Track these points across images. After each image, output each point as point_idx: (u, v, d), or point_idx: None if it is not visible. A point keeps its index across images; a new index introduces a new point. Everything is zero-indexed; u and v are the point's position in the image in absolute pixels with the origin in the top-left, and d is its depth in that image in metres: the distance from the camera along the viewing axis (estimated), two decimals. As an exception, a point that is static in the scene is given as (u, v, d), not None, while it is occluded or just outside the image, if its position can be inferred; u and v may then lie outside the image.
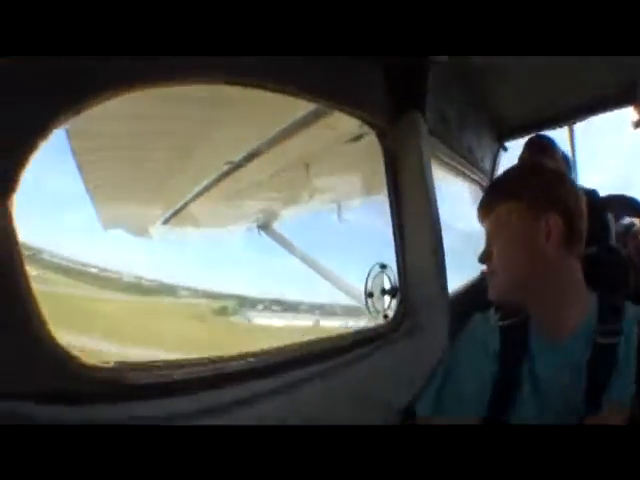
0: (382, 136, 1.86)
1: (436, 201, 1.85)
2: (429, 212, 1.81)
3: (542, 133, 2.91)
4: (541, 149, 2.67)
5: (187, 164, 2.51)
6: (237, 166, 2.51)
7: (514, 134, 3.20)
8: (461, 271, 1.91)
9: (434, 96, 1.95)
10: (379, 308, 1.90)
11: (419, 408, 1.64)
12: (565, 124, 3.44)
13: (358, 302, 3.38)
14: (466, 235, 2.84)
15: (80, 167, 2.15)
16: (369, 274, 1.92)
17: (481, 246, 1.60)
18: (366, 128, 1.95)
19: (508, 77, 2.42)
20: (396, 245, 1.85)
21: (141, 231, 3.65)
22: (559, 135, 3.30)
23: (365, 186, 3.07)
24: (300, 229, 4.22)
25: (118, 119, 1.63)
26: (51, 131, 0.82)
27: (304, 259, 4.03)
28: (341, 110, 1.76)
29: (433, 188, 1.85)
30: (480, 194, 2.94)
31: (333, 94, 1.58)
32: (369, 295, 1.90)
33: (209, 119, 2.00)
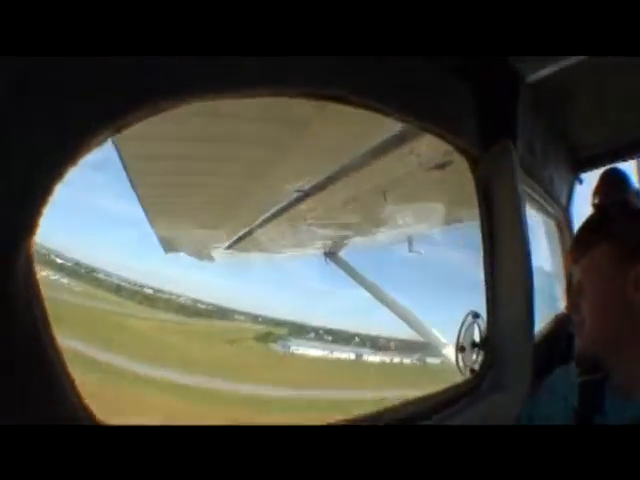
0: (474, 164, 1.72)
1: (530, 242, 1.71)
2: (524, 254, 1.69)
3: (616, 166, 2.79)
4: (617, 183, 2.55)
5: (255, 190, 2.44)
6: (307, 194, 2.41)
7: (586, 166, 3.07)
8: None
9: (523, 125, 1.83)
10: (467, 362, 1.78)
11: None
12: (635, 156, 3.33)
13: (419, 335, 3.23)
14: (541, 273, 2.68)
15: (137, 190, 2.12)
16: (462, 325, 1.79)
17: (556, 286, 1.45)
18: (450, 156, 1.85)
19: (583, 106, 2.31)
20: (487, 289, 1.72)
21: (204, 255, 3.64)
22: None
23: (441, 217, 2.93)
24: (368, 258, 4.11)
25: (182, 141, 1.55)
26: (90, 147, 0.74)
27: (369, 289, 3.92)
28: (433, 134, 1.64)
29: (527, 225, 1.72)
30: (555, 229, 2.88)
31: (425, 114, 1.47)
32: (461, 349, 1.77)
33: (281, 143, 1.90)
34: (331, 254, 4.04)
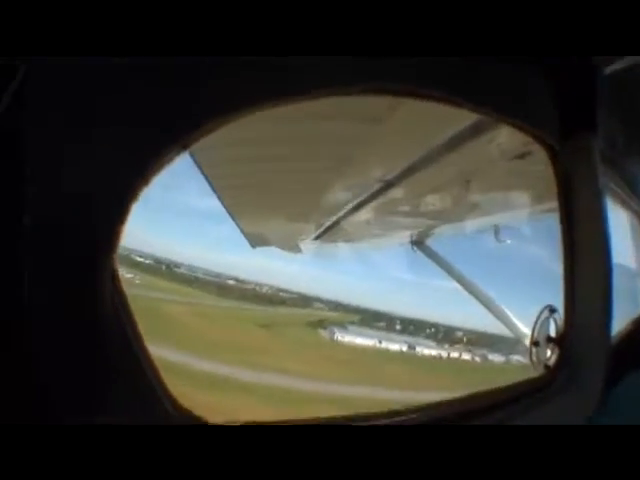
0: (554, 156, 1.69)
1: (610, 238, 1.66)
2: (604, 249, 1.64)
3: None
4: None
5: (339, 182, 2.50)
6: (389, 184, 2.44)
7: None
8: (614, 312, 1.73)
9: (603, 117, 1.78)
10: (542, 357, 1.75)
11: None
12: None
13: (510, 330, 3.16)
14: (623, 271, 2.56)
15: (219, 193, 2.23)
16: (537, 319, 1.77)
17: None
18: (531, 147, 1.84)
19: None
20: (566, 284, 1.68)
21: (291, 247, 3.74)
22: None
23: (526, 207, 2.86)
24: (455, 247, 4.06)
25: (258, 145, 1.63)
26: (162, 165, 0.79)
27: (457, 278, 3.87)
28: (510, 124, 1.63)
29: (608, 221, 1.66)
30: (637, 226, 2.81)
31: (501, 105, 1.50)
32: (535, 344, 1.75)
33: (361, 138, 1.95)
34: (418, 243, 4.02)
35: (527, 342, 1.87)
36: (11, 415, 0.69)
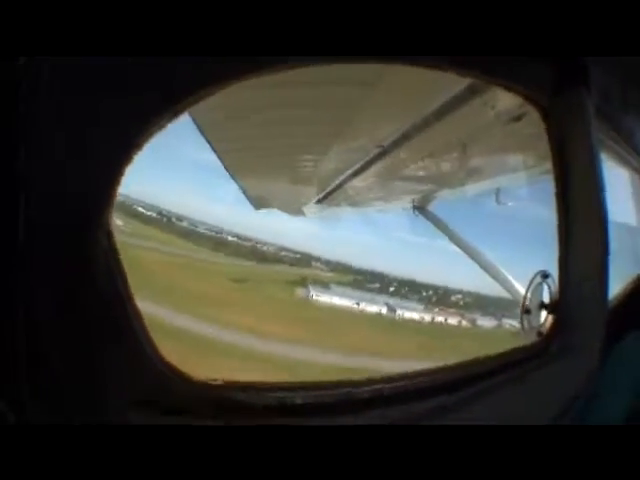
0: (546, 116, 1.67)
1: (606, 197, 1.64)
2: (599, 210, 1.61)
3: None
4: None
5: (338, 147, 2.53)
6: (388, 148, 2.47)
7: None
8: (614, 272, 1.69)
9: (598, 71, 1.72)
10: (534, 324, 1.74)
11: None
12: None
13: (510, 294, 3.20)
14: (623, 229, 2.56)
15: (220, 155, 2.26)
16: (529, 285, 1.75)
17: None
18: (528, 107, 1.77)
19: None
20: (560, 247, 1.66)
21: (294, 211, 3.78)
22: None
23: (527, 169, 2.86)
24: (457, 212, 4.08)
25: (259, 109, 1.65)
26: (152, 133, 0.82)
27: (457, 241, 3.90)
28: (500, 86, 1.62)
29: (603, 179, 1.64)
30: (637, 182, 2.74)
31: (489, 67, 1.44)
32: (526, 311, 1.74)
33: (357, 102, 1.97)
34: (420, 207, 4.06)
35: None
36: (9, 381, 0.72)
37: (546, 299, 1.73)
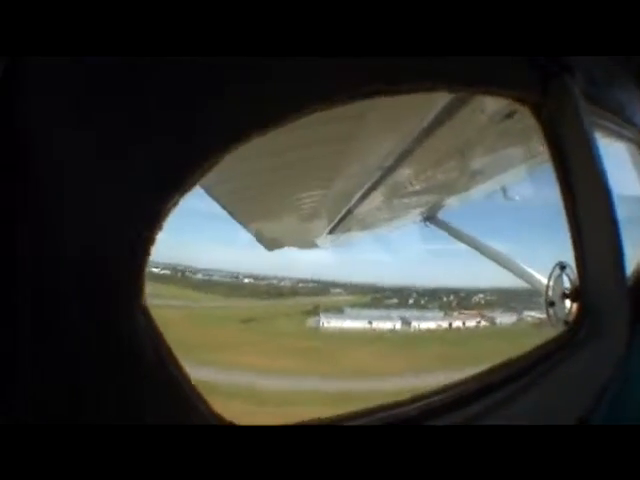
0: (536, 110, 1.69)
1: (607, 177, 1.64)
2: (603, 192, 1.61)
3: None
4: None
5: (340, 178, 2.56)
6: (389, 169, 2.49)
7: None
8: (625, 243, 1.69)
9: (579, 57, 1.73)
10: (560, 314, 1.75)
11: (593, 418, 1.50)
12: None
13: (531, 285, 3.18)
14: (632, 201, 2.54)
15: (227, 208, 2.30)
16: (550, 278, 1.76)
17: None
18: (515, 105, 1.80)
19: None
20: (572, 236, 1.66)
21: (307, 245, 3.81)
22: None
23: (527, 161, 2.87)
24: (467, 215, 4.10)
25: (254, 158, 1.67)
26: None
27: (471, 244, 3.91)
28: (488, 94, 1.64)
29: (602, 160, 1.65)
30: (637, 153, 2.71)
31: (474, 80, 1.45)
32: (550, 304, 1.75)
33: (350, 134, 2.00)
34: (430, 218, 4.08)
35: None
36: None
37: (567, 289, 1.74)
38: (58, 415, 0.73)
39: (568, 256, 1.72)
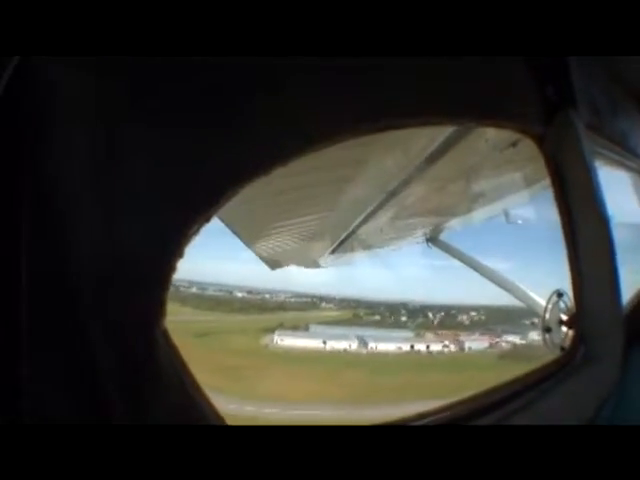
0: (539, 141, 1.72)
1: (607, 208, 1.68)
2: (602, 222, 1.65)
3: None
4: None
5: (344, 200, 2.58)
6: (393, 193, 2.52)
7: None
8: (628, 269, 1.71)
9: (583, 88, 1.80)
10: (556, 340, 1.78)
11: None
12: None
13: (528, 306, 3.20)
14: (629, 227, 2.56)
15: (232, 228, 2.31)
16: (547, 305, 1.80)
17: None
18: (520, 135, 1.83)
19: None
20: (570, 264, 1.70)
21: (310, 264, 3.83)
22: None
23: (529, 187, 2.90)
24: (468, 237, 4.12)
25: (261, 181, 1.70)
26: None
27: (476, 267, 3.93)
28: (492, 126, 1.68)
29: (601, 191, 1.69)
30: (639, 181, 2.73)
31: (479, 113, 1.50)
32: (547, 330, 1.78)
33: (356, 160, 2.02)
34: (432, 239, 4.10)
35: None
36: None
37: (564, 316, 1.78)
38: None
39: (566, 279, 1.76)
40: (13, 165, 0.69)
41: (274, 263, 3.38)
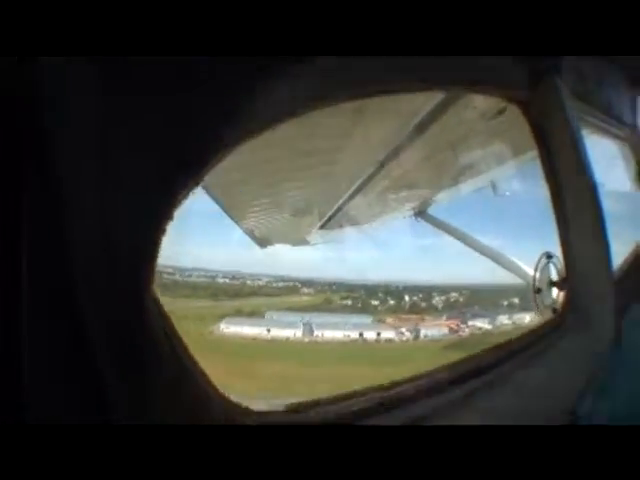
0: (525, 108, 1.73)
1: (593, 172, 1.70)
2: (589, 185, 1.66)
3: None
4: None
5: (334, 172, 2.58)
6: (382, 164, 2.52)
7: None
8: (615, 236, 1.72)
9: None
10: (547, 302, 1.80)
11: (581, 408, 1.53)
12: None
13: (520, 277, 3.23)
14: (617, 196, 2.59)
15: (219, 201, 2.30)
16: (537, 267, 1.82)
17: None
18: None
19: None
20: (559, 227, 1.72)
21: (298, 241, 3.83)
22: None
23: (516, 156, 2.91)
24: (456, 210, 4.14)
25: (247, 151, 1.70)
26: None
27: (461, 238, 3.95)
28: (479, 92, 1.69)
29: (587, 156, 1.70)
30: (626, 150, 2.76)
31: (466, 79, 1.49)
32: (537, 291, 1.80)
33: (345, 131, 2.02)
34: (420, 213, 4.12)
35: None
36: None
37: (554, 277, 1.80)
38: (73, 399, 0.76)
39: (556, 249, 1.78)
40: (14, 154, 0.70)
41: (263, 241, 3.38)
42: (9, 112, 0.70)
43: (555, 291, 1.83)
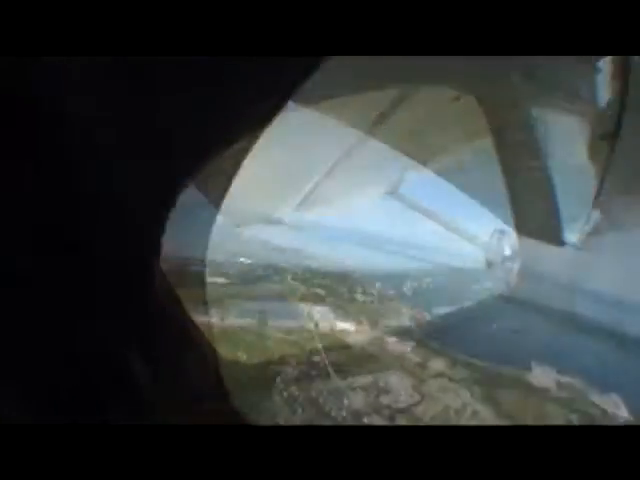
0: (479, 99, 1.78)
1: (542, 150, 1.75)
2: (539, 164, 1.72)
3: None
4: None
5: (304, 157, 2.61)
6: (356, 146, 2.56)
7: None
8: (574, 209, 1.77)
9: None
10: (501, 275, 1.84)
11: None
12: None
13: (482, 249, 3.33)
14: (578, 170, 2.67)
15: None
16: (490, 242, 1.87)
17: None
18: None
19: None
20: (512, 205, 1.77)
21: (274, 221, 3.87)
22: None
23: (475, 140, 2.98)
24: (427, 189, 4.21)
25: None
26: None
27: (434, 217, 4.02)
28: (434, 84, 1.82)
29: (537, 137, 1.76)
30: (586, 124, 2.80)
31: (419, 74, 1.62)
32: (489, 265, 1.85)
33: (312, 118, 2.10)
34: (391, 193, 4.17)
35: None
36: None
37: (508, 252, 1.83)
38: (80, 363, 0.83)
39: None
40: (14, 154, 0.76)
41: (240, 221, 3.41)
42: (9, 112, 0.73)
43: (508, 265, 1.86)
